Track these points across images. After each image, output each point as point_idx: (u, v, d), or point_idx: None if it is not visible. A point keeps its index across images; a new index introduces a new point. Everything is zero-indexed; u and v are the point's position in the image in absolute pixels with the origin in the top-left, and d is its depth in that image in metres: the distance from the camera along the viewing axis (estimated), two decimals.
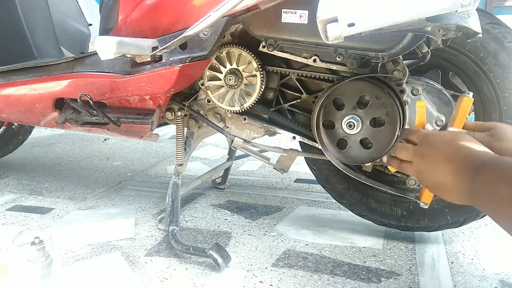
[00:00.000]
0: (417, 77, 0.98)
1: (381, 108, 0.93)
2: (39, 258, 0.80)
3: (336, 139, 0.99)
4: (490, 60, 0.96)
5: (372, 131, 0.95)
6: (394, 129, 0.93)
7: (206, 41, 0.92)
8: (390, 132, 0.94)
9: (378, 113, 0.94)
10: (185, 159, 1.16)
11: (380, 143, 0.95)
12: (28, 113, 1.23)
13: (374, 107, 0.94)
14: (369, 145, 0.97)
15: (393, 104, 0.92)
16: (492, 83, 0.97)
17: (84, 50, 1.70)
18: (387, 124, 0.94)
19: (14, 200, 1.46)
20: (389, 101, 0.92)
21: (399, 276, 0.95)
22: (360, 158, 0.98)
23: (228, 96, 1.03)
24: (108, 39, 0.85)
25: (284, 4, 0.87)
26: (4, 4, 1.44)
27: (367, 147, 0.97)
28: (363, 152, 0.97)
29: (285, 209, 1.36)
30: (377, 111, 0.94)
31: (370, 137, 0.96)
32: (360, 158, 0.98)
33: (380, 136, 0.95)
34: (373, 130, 0.95)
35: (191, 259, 1.03)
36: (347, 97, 0.95)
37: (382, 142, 0.95)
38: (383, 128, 0.94)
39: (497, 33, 0.94)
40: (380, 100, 0.93)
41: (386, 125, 0.94)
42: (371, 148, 0.96)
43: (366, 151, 0.97)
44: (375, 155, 0.97)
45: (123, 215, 1.31)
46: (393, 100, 0.92)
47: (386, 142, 0.95)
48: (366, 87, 0.94)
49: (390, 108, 0.93)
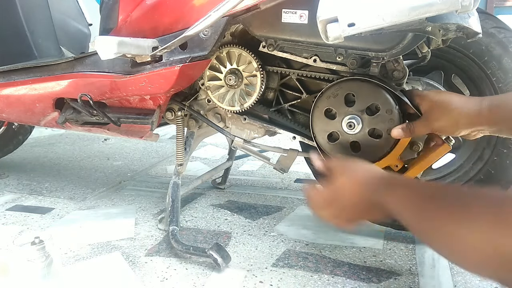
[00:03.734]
0: (417, 77, 0.98)
1: (386, 123, 0.89)
2: (39, 258, 0.80)
3: (329, 129, 0.94)
4: (493, 64, 0.95)
5: (367, 140, 0.91)
6: (387, 147, 0.90)
7: (206, 41, 0.92)
8: (382, 149, 0.90)
9: (381, 126, 0.90)
10: (185, 159, 1.16)
11: (368, 153, 0.91)
12: (28, 113, 1.23)
13: (380, 119, 0.90)
14: (357, 149, 0.94)
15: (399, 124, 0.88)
16: (495, 87, 0.97)
17: (84, 50, 1.70)
18: (384, 140, 0.90)
19: (14, 200, 1.46)
20: (397, 120, 0.88)
21: (399, 276, 0.95)
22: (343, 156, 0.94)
23: (228, 96, 1.03)
24: (109, 39, 0.85)
25: (284, 4, 0.87)
26: (4, 4, 1.44)
27: (355, 151, 0.94)
28: (349, 153, 0.94)
29: (285, 209, 1.36)
30: (381, 124, 0.89)
31: (362, 143, 0.92)
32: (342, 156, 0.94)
33: (372, 147, 0.91)
34: (368, 139, 0.91)
35: (191, 259, 1.03)
36: (361, 97, 0.91)
37: (371, 153, 0.91)
38: (378, 141, 0.90)
39: (503, 38, 0.94)
40: (389, 115, 0.88)
41: (383, 140, 0.90)
42: (358, 153, 0.93)
43: (352, 153, 0.93)
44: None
45: (123, 215, 1.31)
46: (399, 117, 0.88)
47: (374, 156, 0.91)
48: (383, 97, 0.89)
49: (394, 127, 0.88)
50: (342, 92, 0.92)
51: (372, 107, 0.92)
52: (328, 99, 0.93)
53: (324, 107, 0.94)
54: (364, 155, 0.92)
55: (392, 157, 0.90)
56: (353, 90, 0.91)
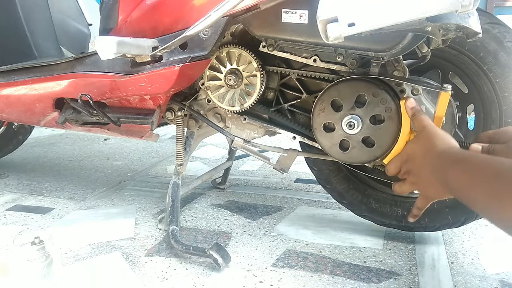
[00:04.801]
0: (417, 77, 0.98)
1: (379, 105, 0.91)
2: (39, 258, 0.80)
3: (337, 140, 0.96)
4: (490, 60, 0.96)
5: (373, 129, 0.93)
6: (395, 123, 0.91)
7: (206, 41, 0.92)
8: (392, 128, 0.91)
9: (377, 110, 0.92)
10: (185, 159, 1.16)
11: (382, 141, 0.93)
12: (28, 113, 1.23)
13: (372, 104, 0.92)
14: (371, 143, 0.96)
15: (390, 100, 0.90)
16: (492, 82, 0.97)
17: (84, 50, 1.70)
18: (388, 120, 0.91)
19: (14, 200, 1.46)
20: (386, 96, 0.90)
21: (399, 276, 0.95)
22: (363, 158, 0.96)
23: (228, 96, 1.03)
24: (108, 39, 0.85)
25: (284, 4, 0.87)
26: (4, 4, 1.44)
27: (370, 146, 0.95)
28: (366, 151, 0.95)
29: (285, 209, 1.36)
30: (376, 108, 0.92)
31: (372, 135, 0.94)
32: (363, 158, 0.96)
33: (382, 133, 0.93)
34: (374, 128, 0.93)
35: (191, 259, 1.03)
36: (344, 97, 0.93)
37: (385, 139, 0.93)
38: (383, 125, 0.92)
39: (497, 33, 0.94)
40: (377, 97, 0.91)
41: (387, 121, 0.91)
42: (374, 146, 0.94)
43: (369, 150, 0.94)
44: (379, 153, 0.94)
45: (123, 215, 1.31)
46: (389, 96, 0.90)
47: (389, 139, 0.92)
48: (361, 86, 0.92)
49: (388, 103, 0.91)
50: (327, 104, 0.94)
51: (360, 100, 0.93)
52: (319, 116, 0.96)
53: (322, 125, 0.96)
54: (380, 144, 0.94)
55: (405, 131, 0.90)
56: (335, 96, 0.93)
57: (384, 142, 0.93)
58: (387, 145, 0.93)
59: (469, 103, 1.05)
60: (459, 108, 1.03)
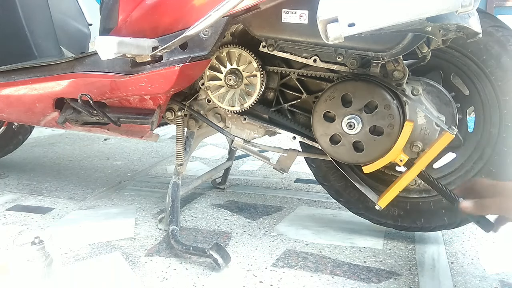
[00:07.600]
0: (417, 78, 0.98)
1: (386, 118, 0.91)
2: (39, 258, 0.80)
3: (331, 132, 0.96)
4: (492, 63, 0.95)
5: (369, 138, 0.93)
6: (390, 141, 0.91)
7: (206, 41, 0.92)
8: (386, 144, 0.92)
9: (381, 122, 0.92)
10: (185, 159, 1.16)
11: (372, 152, 0.94)
12: (28, 113, 1.23)
13: (379, 115, 0.92)
14: (360, 149, 0.95)
15: (398, 119, 0.91)
16: (494, 85, 0.97)
17: (84, 50, 1.70)
18: (386, 136, 0.92)
19: (14, 200, 1.46)
20: (396, 114, 0.90)
21: (399, 276, 0.95)
22: (347, 158, 0.97)
23: (228, 96, 1.03)
24: (109, 39, 0.85)
25: (285, 4, 0.87)
26: (4, 4, 1.44)
27: (358, 151, 0.95)
28: (352, 153, 0.96)
29: (285, 209, 1.36)
30: (381, 120, 0.92)
31: (365, 142, 0.94)
32: (346, 158, 0.97)
33: (375, 144, 0.93)
34: (370, 137, 0.93)
35: (191, 259, 1.03)
36: (357, 97, 0.92)
37: (375, 151, 0.93)
38: (380, 138, 0.92)
39: (500, 36, 0.94)
40: (387, 110, 0.91)
41: (385, 136, 0.92)
42: (362, 152, 0.95)
43: (355, 153, 0.95)
44: (362, 160, 0.95)
45: (123, 215, 1.31)
46: (398, 115, 0.91)
47: (378, 152, 0.93)
48: (378, 93, 0.91)
49: (394, 121, 0.91)
50: (338, 94, 0.94)
51: (370, 105, 0.93)
52: (325, 103, 0.95)
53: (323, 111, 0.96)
54: (368, 153, 0.94)
55: (395, 152, 0.91)
56: (349, 91, 0.93)
57: (372, 153, 0.94)
58: (374, 157, 0.94)
59: (469, 105, 1.05)
60: (460, 110, 1.03)
